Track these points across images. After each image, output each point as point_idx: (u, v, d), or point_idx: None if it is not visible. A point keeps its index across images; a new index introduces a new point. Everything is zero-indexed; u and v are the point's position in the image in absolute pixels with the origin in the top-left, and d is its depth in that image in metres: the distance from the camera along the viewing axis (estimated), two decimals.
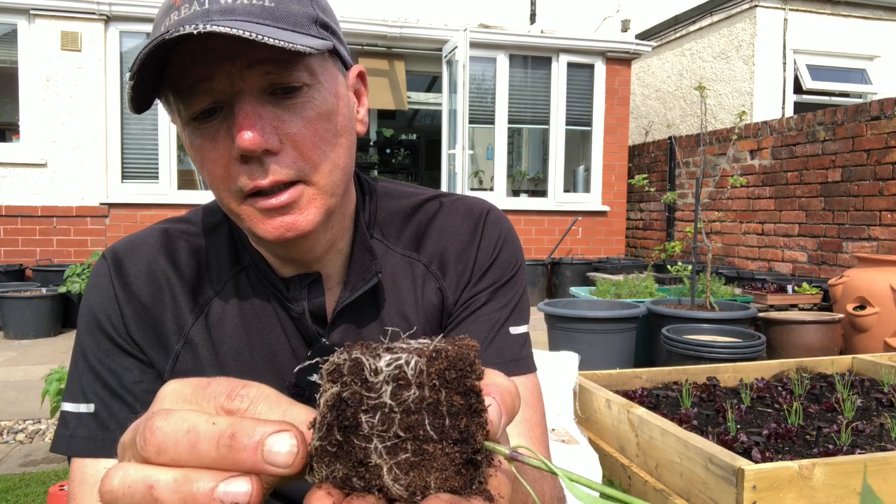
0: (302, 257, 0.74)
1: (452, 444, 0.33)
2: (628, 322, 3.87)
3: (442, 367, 0.34)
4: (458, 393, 0.34)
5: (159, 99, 0.68)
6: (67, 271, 5.39)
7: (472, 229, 0.82)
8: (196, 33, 0.57)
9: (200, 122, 0.66)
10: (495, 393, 0.35)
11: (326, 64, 0.69)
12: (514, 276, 0.83)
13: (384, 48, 7.38)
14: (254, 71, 0.63)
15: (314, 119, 0.66)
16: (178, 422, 0.33)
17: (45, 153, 6.16)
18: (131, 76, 0.61)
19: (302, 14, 0.65)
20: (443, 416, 0.33)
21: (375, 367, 0.34)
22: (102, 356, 0.74)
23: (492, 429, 0.34)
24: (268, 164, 0.65)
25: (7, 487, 2.53)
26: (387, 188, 0.87)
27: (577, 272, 6.94)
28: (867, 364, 3.20)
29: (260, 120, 0.63)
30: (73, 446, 0.71)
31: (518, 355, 0.80)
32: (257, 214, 0.67)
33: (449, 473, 0.33)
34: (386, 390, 0.33)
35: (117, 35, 6.33)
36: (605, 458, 2.52)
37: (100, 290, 0.76)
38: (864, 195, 5.13)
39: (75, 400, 0.73)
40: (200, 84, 0.63)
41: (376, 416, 0.33)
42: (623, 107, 7.79)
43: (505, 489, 0.35)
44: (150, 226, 0.81)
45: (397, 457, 0.33)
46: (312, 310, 0.76)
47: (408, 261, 0.82)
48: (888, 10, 8.13)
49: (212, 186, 0.69)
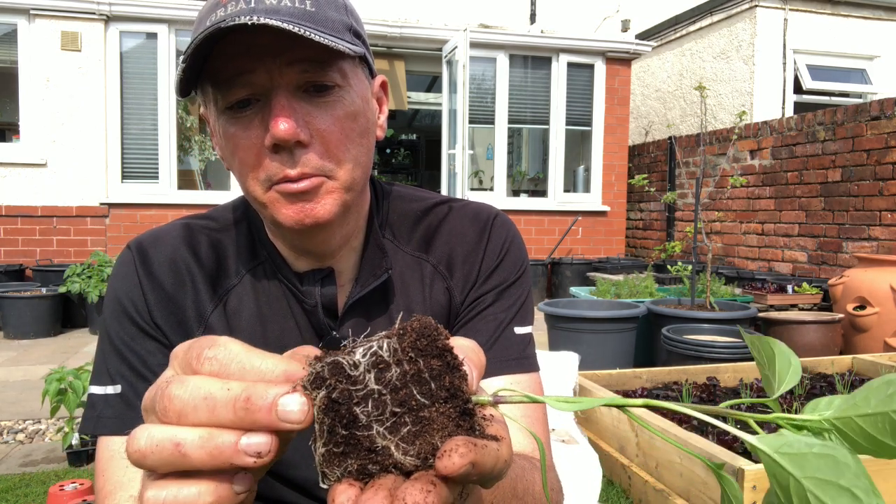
0: (317, 249, 0.78)
1: (444, 402, 0.36)
2: (628, 322, 3.86)
3: (412, 339, 0.36)
4: (434, 356, 0.36)
5: (195, 90, 0.72)
6: (67, 271, 5.39)
7: (480, 233, 0.86)
8: (250, 24, 0.61)
9: (235, 112, 0.70)
10: (459, 352, 0.38)
11: (356, 69, 0.74)
12: (519, 279, 0.86)
13: (384, 48, 7.38)
14: (292, 68, 0.68)
15: (342, 118, 0.71)
16: (193, 389, 0.36)
17: (45, 153, 6.16)
18: (184, 59, 0.65)
19: (339, 21, 0.71)
20: (427, 381, 0.36)
21: (353, 361, 0.36)
22: (128, 339, 0.78)
23: (469, 384, 0.37)
24: (298, 156, 0.69)
25: (7, 487, 2.53)
26: (400, 192, 0.91)
27: (577, 272, 6.94)
28: (867, 364, 3.20)
29: (294, 113, 0.68)
30: (100, 426, 0.75)
31: (522, 354, 0.82)
32: (280, 199, 0.71)
33: (451, 429, 0.35)
34: (370, 378, 0.35)
35: (117, 35, 6.33)
36: (605, 458, 2.52)
37: (125, 277, 0.80)
38: (864, 195, 5.13)
39: (102, 383, 0.77)
40: (241, 76, 0.68)
41: (369, 403, 0.35)
42: (623, 107, 7.79)
43: (504, 432, 0.38)
44: (173, 221, 0.86)
45: (400, 432, 0.35)
46: (324, 303, 0.80)
47: (417, 261, 0.85)
48: (888, 10, 8.13)
49: (240, 174, 0.73)
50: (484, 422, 0.37)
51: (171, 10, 6.26)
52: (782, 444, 0.32)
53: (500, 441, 0.36)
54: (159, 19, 6.33)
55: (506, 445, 0.36)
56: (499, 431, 0.37)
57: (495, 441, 0.36)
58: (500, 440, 0.36)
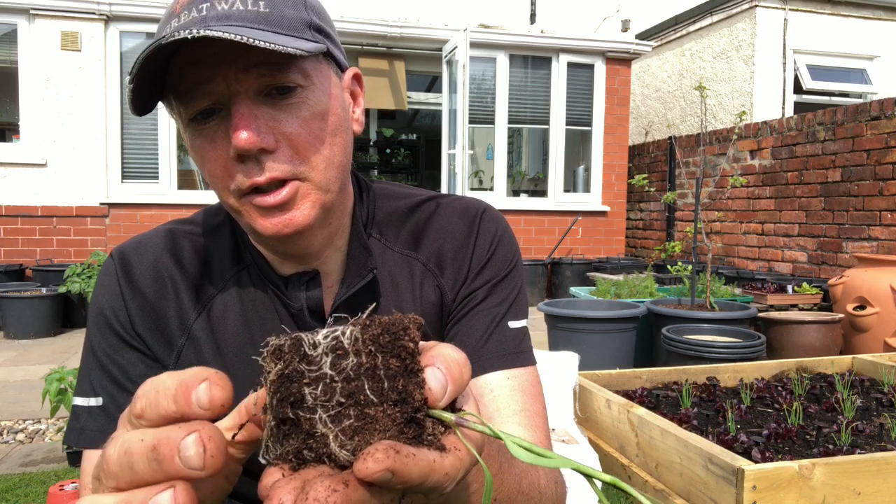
0: (300, 253, 0.76)
1: (392, 405, 0.34)
2: (628, 322, 3.86)
3: (376, 332, 0.35)
4: (394, 356, 0.35)
5: (163, 102, 0.70)
6: (67, 271, 5.39)
7: (468, 228, 0.85)
8: (191, 37, 0.59)
9: (199, 123, 0.68)
10: (440, 363, 0.36)
11: (320, 66, 0.71)
12: (511, 273, 0.85)
13: (384, 48, 7.37)
14: (249, 74, 0.65)
15: (309, 118, 0.69)
16: (119, 445, 0.34)
17: (45, 153, 6.16)
18: (130, 79, 0.63)
19: (296, 19, 0.68)
20: (381, 379, 0.35)
21: (313, 340, 0.35)
22: (110, 351, 0.77)
23: (433, 396, 0.35)
24: (264, 162, 0.67)
25: (7, 487, 2.53)
26: (384, 189, 0.89)
27: (577, 272, 6.94)
28: (867, 364, 3.20)
29: (255, 120, 0.66)
30: (83, 438, 0.74)
31: (518, 348, 0.81)
32: (256, 212, 0.69)
33: (392, 433, 0.34)
34: (325, 361, 0.34)
35: (117, 35, 6.33)
36: (605, 458, 2.52)
37: (107, 287, 0.79)
38: (864, 195, 5.13)
39: (85, 394, 0.77)
40: (200, 87, 0.66)
41: (318, 387, 0.34)
42: (623, 107, 7.79)
43: (461, 444, 0.36)
44: (157, 226, 0.85)
45: (341, 424, 0.34)
46: (310, 306, 0.78)
47: (406, 259, 0.84)
48: (888, 10, 8.13)
49: (212, 185, 0.72)
50: (441, 430, 0.36)
51: None
52: None
53: (444, 452, 0.35)
54: (159, 19, 6.32)
55: (451, 458, 0.35)
56: (454, 443, 0.36)
57: (437, 451, 0.34)
58: (446, 451, 0.35)
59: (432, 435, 0.35)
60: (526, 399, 0.79)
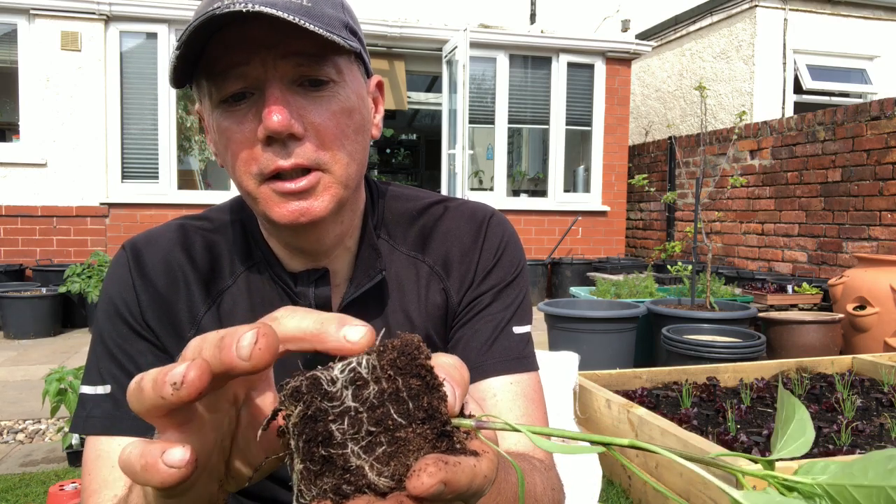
0: (311, 247, 0.77)
1: (421, 423, 0.35)
2: (628, 322, 3.86)
3: (392, 357, 0.35)
4: (413, 375, 0.35)
5: (190, 84, 0.72)
6: (67, 271, 5.39)
7: (476, 233, 0.86)
8: (245, 11, 0.61)
9: (230, 105, 0.70)
10: (441, 371, 0.37)
11: (352, 66, 0.74)
12: (517, 278, 0.86)
13: (384, 48, 7.37)
14: (287, 62, 0.67)
15: (337, 112, 0.71)
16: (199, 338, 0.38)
17: (45, 153, 6.16)
18: (178, 46, 0.64)
19: (335, 17, 0.70)
20: (405, 401, 0.35)
21: (331, 377, 0.35)
22: (120, 340, 0.78)
23: (449, 404, 0.36)
24: (291, 148, 0.68)
25: (7, 487, 2.53)
26: (395, 191, 0.90)
27: (577, 272, 6.94)
28: (867, 364, 3.20)
29: (288, 105, 0.67)
30: (89, 425, 0.75)
31: (521, 354, 0.82)
32: (274, 197, 0.70)
33: (426, 451, 0.34)
34: (347, 395, 0.35)
35: (117, 35, 6.33)
36: (605, 457, 2.52)
37: (119, 278, 0.80)
38: (864, 195, 5.13)
39: (93, 383, 0.78)
40: (236, 69, 0.67)
41: (345, 421, 0.34)
42: (623, 107, 7.79)
43: (486, 445, 0.37)
44: (168, 221, 0.86)
45: (374, 452, 0.34)
46: (318, 303, 0.79)
47: (413, 261, 0.85)
48: (888, 10, 8.13)
49: (233, 169, 0.72)
50: (465, 436, 0.36)
51: (171, 10, 6.26)
52: (768, 503, 0.30)
53: (478, 456, 0.35)
54: (159, 19, 6.33)
55: (486, 460, 0.36)
56: (481, 446, 0.37)
57: (473, 457, 0.35)
58: (479, 455, 0.36)
59: (461, 443, 0.36)
60: (528, 405, 0.79)
